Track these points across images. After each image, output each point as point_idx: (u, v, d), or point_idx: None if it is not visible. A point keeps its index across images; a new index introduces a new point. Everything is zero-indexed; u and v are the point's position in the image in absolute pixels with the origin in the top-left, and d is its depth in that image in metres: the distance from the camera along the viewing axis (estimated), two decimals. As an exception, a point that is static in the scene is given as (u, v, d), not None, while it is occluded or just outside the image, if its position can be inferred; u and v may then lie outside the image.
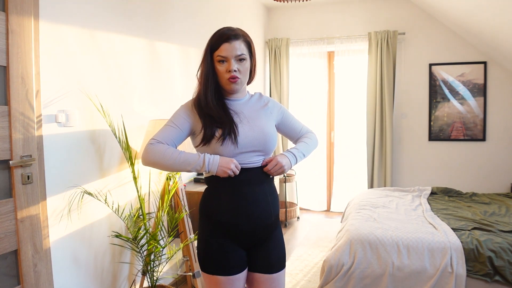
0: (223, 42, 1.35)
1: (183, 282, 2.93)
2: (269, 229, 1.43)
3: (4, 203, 1.63)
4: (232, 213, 1.36)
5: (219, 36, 1.37)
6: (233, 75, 1.35)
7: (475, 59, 4.48)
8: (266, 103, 1.51)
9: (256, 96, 1.54)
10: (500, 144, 4.47)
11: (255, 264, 1.43)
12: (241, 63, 1.37)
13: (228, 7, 3.94)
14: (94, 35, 2.16)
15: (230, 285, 1.37)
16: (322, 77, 5.08)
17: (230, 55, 1.35)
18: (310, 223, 4.61)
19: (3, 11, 1.61)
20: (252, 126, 1.40)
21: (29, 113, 1.72)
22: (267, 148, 1.42)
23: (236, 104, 1.45)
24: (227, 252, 1.37)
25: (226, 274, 1.36)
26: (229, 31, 1.37)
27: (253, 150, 1.39)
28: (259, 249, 1.43)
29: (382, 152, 4.68)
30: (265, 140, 1.40)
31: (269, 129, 1.43)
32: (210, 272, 1.38)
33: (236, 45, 1.35)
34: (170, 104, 2.91)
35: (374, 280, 2.28)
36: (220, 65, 1.37)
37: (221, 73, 1.37)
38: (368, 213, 2.92)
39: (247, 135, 1.37)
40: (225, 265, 1.36)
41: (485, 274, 2.16)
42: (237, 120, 1.39)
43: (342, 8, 4.90)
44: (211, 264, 1.38)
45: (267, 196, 1.42)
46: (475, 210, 3.07)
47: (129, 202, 2.43)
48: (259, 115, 1.46)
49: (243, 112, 1.43)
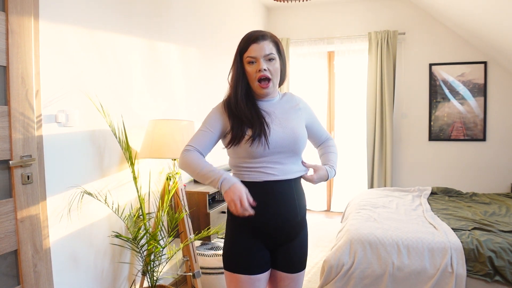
0: (252, 43, 1.37)
1: (183, 282, 2.93)
2: (296, 229, 1.44)
3: (4, 203, 1.63)
4: (259, 211, 1.35)
5: (247, 38, 1.39)
6: (264, 74, 1.36)
7: (475, 59, 4.48)
8: (297, 103, 1.52)
9: (288, 96, 1.54)
10: (500, 144, 4.47)
11: (277, 262, 1.44)
12: (271, 63, 1.38)
13: (228, 7, 3.94)
14: (94, 35, 2.16)
15: (251, 285, 1.37)
16: (322, 77, 5.08)
17: (259, 55, 1.36)
18: (310, 223, 4.60)
19: (3, 11, 1.61)
20: (284, 127, 1.40)
21: (29, 113, 1.72)
22: (298, 149, 1.43)
23: (268, 104, 1.45)
24: (251, 251, 1.38)
25: (249, 273, 1.37)
26: (256, 32, 1.40)
27: (284, 151, 1.39)
28: (284, 249, 1.43)
29: (382, 152, 4.68)
30: (296, 141, 1.40)
31: (300, 130, 1.43)
32: (233, 271, 1.39)
33: (265, 45, 1.36)
34: (170, 104, 2.91)
35: (374, 280, 2.28)
36: (250, 66, 1.38)
37: (251, 74, 1.38)
38: (368, 213, 2.91)
39: (279, 136, 1.37)
40: (249, 265, 1.37)
41: (485, 274, 2.16)
42: (269, 120, 1.39)
43: (342, 8, 4.90)
44: (235, 263, 1.39)
45: (294, 195, 1.43)
46: (475, 210, 3.07)
47: (129, 202, 2.43)
48: (290, 115, 1.46)
49: (275, 112, 1.43)
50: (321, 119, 5.04)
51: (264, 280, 1.42)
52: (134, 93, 2.50)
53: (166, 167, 2.76)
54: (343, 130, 5.03)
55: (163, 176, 2.71)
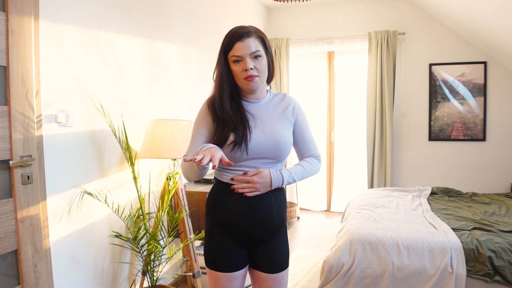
0: (236, 41, 1.31)
1: (183, 282, 2.93)
2: (272, 232, 1.42)
3: (4, 203, 1.63)
4: (235, 215, 1.36)
5: (231, 36, 1.33)
6: (250, 74, 1.31)
7: (475, 59, 4.48)
8: (287, 106, 1.45)
9: (279, 97, 1.48)
10: (500, 144, 4.47)
11: (258, 262, 1.43)
12: (257, 61, 1.32)
13: (228, 7, 3.94)
14: (94, 35, 2.16)
15: (228, 282, 1.40)
16: (322, 77, 5.08)
17: (245, 53, 1.30)
18: (310, 223, 4.60)
19: (3, 11, 1.61)
20: (266, 132, 1.36)
21: (29, 113, 1.72)
22: (279, 156, 1.39)
23: (255, 106, 1.41)
24: (227, 249, 1.39)
25: (226, 271, 1.39)
26: (240, 29, 1.33)
27: (264, 157, 1.36)
28: (261, 248, 1.42)
29: (382, 152, 4.68)
30: (277, 148, 1.36)
31: (283, 136, 1.38)
32: (211, 268, 1.42)
33: (250, 42, 1.31)
34: (170, 104, 2.91)
35: (374, 280, 2.28)
36: (235, 66, 1.33)
37: (237, 73, 1.33)
38: (368, 213, 2.92)
39: (259, 142, 1.34)
40: (225, 263, 1.39)
41: (485, 274, 2.16)
42: (252, 124, 1.35)
43: (342, 8, 4.90)
44: (213, 261, 1.41)
45: (271, 201, 1.39)
46: (475, 210, 3.07)
47: (129, 202, 2.43)
48: (276, 120, 1.40)
49: (260, 115, 1.39)
50: (321, 119, 5.06)
51: (241, 277, 1.44)
52: (134, 93, 2.50)
53: (166, 167, 2.76)
54: (343, 130, 5.03)
55: (163, 176, 2.71)
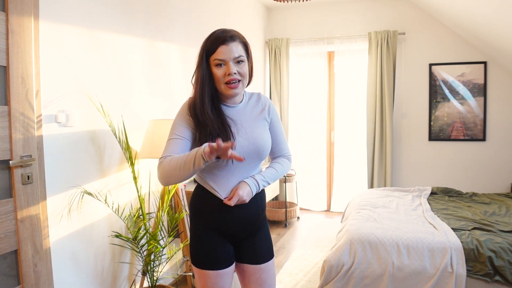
0: (220, 44, 1.30)
1: (183, 282, 2.93)
2: (257, 225, 1.47)
3: (4, 203, 1.63)
4: (222, 216, 1.39)
5: (215, 39, 1.32)
6: (233, 78, 1.30)
7: (475, 59, 4.48)
8: (263, 107, 1.47)
9: (255, 98, 1.49)
10: (500, 144, 4.47)
11: (243, 256, 1.46)
12: (240, 65, 1.33)
13: (228, 7, 3.94)
14: (94, 35, 2.16)
15: (219, 279, 1.40)
16: (322, 77, 5.08)
17: (228, 58, 1.30)
18: (310, 223, 4.60)
19: (3, 11, 1.61)
20: (248, 138, 1.37)
21: (29, 113, 1.72)
22: (261, 157, 1.42)
23: (234, 110, 1.41)
24: (216, 247, 1.40)
25: (215, 269, 1.39)
26: (224, 33, 1.32)
27: (247, 162, 1.38)
28: (246, 242, 1.46)
29: (382, 152, 4.68)
30: (260, 151, 1.40)
31: (265, 140, 1.42)
32: (200, 267, 1.41)
33: (233, 47, 1.31)
34: (170, 104, 2.91)
35: (374, 280, 2.28)
36: (218, 69, 1.32)
37: (219, 77, 1.32)
38: (368, 213, 2.92)
39: (243, 147, 1.35)
40: (214, 261, 1.40)
41: (485, 274, 2.16)
42: (235, 130, 1.35)
43: (342, 8, 4.90)
44: (201, 259, 1.41)
45: (257, 201, 1.45)
46: (475, 210, 3.07)
47: (129, 202, 2.43)
48: (256, 123, 1.43)
49: (241, 119, 1.40)
50: (321, 119, 5.06)
51: (230, 274, 1.45)
52: (134, 93, 2.50)
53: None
54: (343, 130, 5.03)
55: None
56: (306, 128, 5.16)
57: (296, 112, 5.16)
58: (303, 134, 5.14)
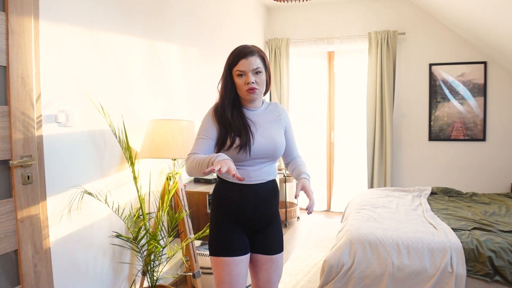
0: (241, 58, 1.52)
1: (183, 282, 2.93)
2: (270, 218, 1.63)
3: (4, 203, 1.63)
4: (241, 204, 1.55)
5: (237, 53, 1.54)
6: (252, 86, 1.52)
7: (475, 59, 4.48)
8: (279, 113, 1.68)
9: (272, 106, 1.70)
10: (500, 144, 4.47)
11: (256, 246, 1.61)
12: (258, 76, 1.54)
13: (228, 7, 3.94)
14: (94, 35, 2.16)
15: (235, 265, 1.52)
16: (322, 77, 5.09)
17: (248, 69, 1.51)
18: (310, 223, 4.61)
19: (3, 11, 1.61)
20: (266, 136, 1.57)
21: (29, 113, 1.72)
22: (276, 157, 1.61)
23: (253, 113, 1.61)
24: (232, 235, 1.55)
25: (233, 255, 1.52)
26: (245, 48, 1.54)
27: (263, 157, 1.56)
28: (260, 234, 1.62)
29: (382, 152, 4.68)
30: (275, 148, 1.58)
31: (280, 139, 1.61)
32: (218, 255, 1.53)
33: (252, 60, 1.52)
34: (170, 104, 2.91)
35: (374, 280, 2.28)
36: (239, 79, 1.53)
37: (240, 85, 1.53)
38: (368, 213, 2.91)
39: (260, 144, 1.54)
40: (232, 248, 1.53)
41: (485, 274, 2.16)
42: (254, 130, 1.56)
43: (342, 8, 4.90)
44: (219, 246, 1.54)
45: (270, 192, 1.62)
46: (475, 210, 3.07)
47: (129, 202, 2.43)
48: (272, 125, 1.63)
49: (259, 121, 1.60)
50: (321, 119, 5.07)
51: (246, 262, 1.58)
52: (134, 93, 2.50)
53: (166, 167, 2.76)
54: (343, 130, 5.03)
55: (163, 176, 2.71)
56: (306, 128, 5.16)
57: (296, 112, 5.16)
58: (303, 134, 5.14)
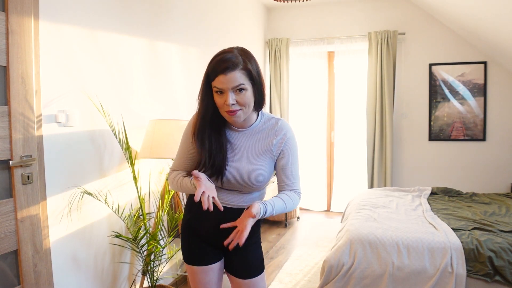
0: (219, 73, 1.23)
1: (183, 282, 2.93)
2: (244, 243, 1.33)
3: (4, 203, 1.63)
4: (211, 230, 1.42)
5: (215, 65, 1.25)
6: (231, 109, 1.26)
7: (475, 59, 4.48)
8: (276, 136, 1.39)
9: (271, 124, 1.41)
10: (500, 144, 4.47)
11: (234, 268, 1.47)
12: (241, 94, 1.25)
13: (228, 7, 3.94)
14: (94, 35, 2.16)
15: (205, 274, 1.46)
16: (322, 77, 5.08)
17: (227, 87, 1.24)
18: (310, 223, 4.60)
19: (3, 11, 1.61)
20: (239, 167, 1.35)
21: (29, 113, 1.72)
22: (250, 188, 1.38)
23: (238, 134, 1.39)
24: (202, 246, 1.46)
25: (200, 265, 1.46)
26: (224, 61, 1.24)
27: (237, 189, 1.38)
28: (236, 254, 1.44)
29: (382, 152, 4.68)
30: (247, 185, 1.36)
31: (258, 174, 1.35)
32: (188, 262, 1.48)
33: (232, 77, 1.23)
34: (170, 104, 2.91)
35: (374, 280, 2.28)
36: (218, 96, 1.27)
37: (219, 104, 1.28)
38: (368, 213, 2.92)
39: (232, 176, 1.35)
40: (200, 258, 1.46)
41: (485, 274, 2.16)
42: (230, 156, 1.35)
43: (342, 8, 4.90)
44: (189, 256, 1.48)
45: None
46: (475, 210, 3.07)
47: (129, 202, 2.43)
48: (256, 154, 1.37)
49: (241, 146, 1.37)
50: (321, 119, 5.06)
51: (217, 269, 1.49)
52: (134, 93, 2.50)
53: (166, 167, 2.76)
54: (343, 130, 5.03)
55: (163, 176, 2.71)
56: (306, 128, 5.16)
57: (296, 112, 5.16)
58: (303, 134, 5.14)
